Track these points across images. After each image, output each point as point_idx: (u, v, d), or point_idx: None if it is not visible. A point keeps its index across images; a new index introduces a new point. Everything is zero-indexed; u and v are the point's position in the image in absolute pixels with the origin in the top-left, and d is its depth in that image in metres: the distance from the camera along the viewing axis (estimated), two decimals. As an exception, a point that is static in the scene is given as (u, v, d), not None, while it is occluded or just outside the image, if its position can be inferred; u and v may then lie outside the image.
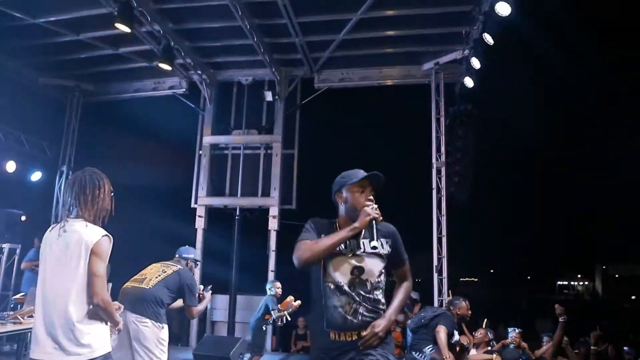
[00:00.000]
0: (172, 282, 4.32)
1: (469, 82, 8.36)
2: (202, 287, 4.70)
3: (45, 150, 9.98)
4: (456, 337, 5.99)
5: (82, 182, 2.70)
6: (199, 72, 9.09)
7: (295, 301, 6.39)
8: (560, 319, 5.50)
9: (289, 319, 6.42)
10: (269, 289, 6.65)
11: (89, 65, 9.27)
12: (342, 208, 2.56)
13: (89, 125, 10.21)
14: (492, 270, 43.35)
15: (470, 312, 6.27)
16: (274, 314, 6.27)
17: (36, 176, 9.83)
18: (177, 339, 10.22)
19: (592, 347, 6.16)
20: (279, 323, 6.47)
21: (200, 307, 4.50)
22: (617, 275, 46.34)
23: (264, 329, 6.63)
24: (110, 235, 2.65)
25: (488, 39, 7.34)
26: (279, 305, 6.42)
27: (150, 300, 4.13)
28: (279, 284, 6.63)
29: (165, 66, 7.78)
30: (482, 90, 8.64)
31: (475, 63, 7.95)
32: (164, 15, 7.61)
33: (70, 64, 9.20)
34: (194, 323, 8.98)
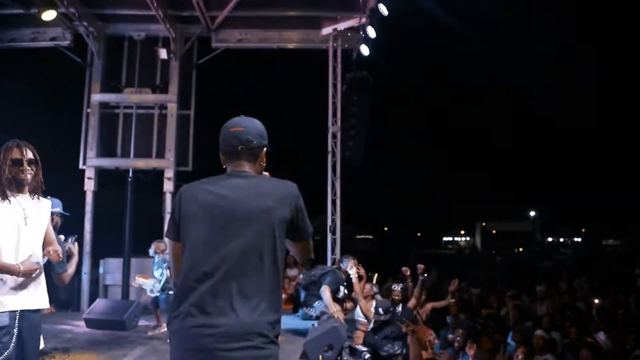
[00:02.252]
0: None
1: (364, 50, 8.64)
2: (62, 237, 3.59)
3: None
4: (342, 292, 6.42)
5: None
6: (85, 23, 8.44)
7: None
8: (420, 277, 6.05)
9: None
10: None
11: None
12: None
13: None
14: (385, 228, 45.81)
15: (361, 270, 6.69)
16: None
17: None
18: (66, 304, 9.82)
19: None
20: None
21: (70, 269, 3.43)
22: (494, 232, 51.08)
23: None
24: None
25: (383, 9, 7.61)
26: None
27: None
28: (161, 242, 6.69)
29: (47, 16, 7.18)
30: (377, 58, 8.99)
31: (371, 32, 8.22)
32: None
33: None
34: (85, 287, 8.69)
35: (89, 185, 8.68)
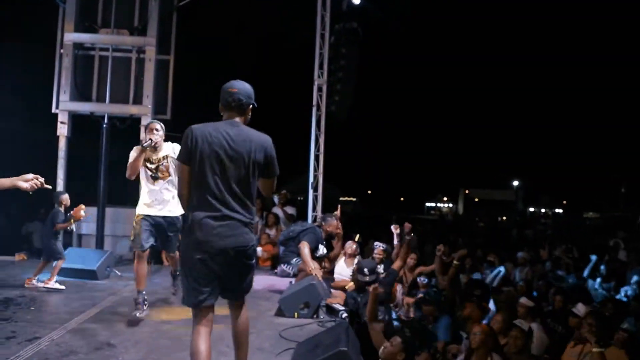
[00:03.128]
0: None
1: (355, -1, 8.25)
2: None
3: None
4: (321, 250, 6.25)
5: None
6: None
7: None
8: (407, 237, 5.91)
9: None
10: None
11: None
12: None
13: None
14: (369, 192, 45.95)
15: (340, 230, 6.53)
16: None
17: None
18: (38, 253, 9.59)
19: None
20: None
21: None
22: (476, 199, 51.59)
23: None
24: None
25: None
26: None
27: None
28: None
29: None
30: (368, 9, 8.61)
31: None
32: None
33: None
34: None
35: (62, 130, 8.29)
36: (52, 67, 8.49)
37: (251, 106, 2.93)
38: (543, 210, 50.99)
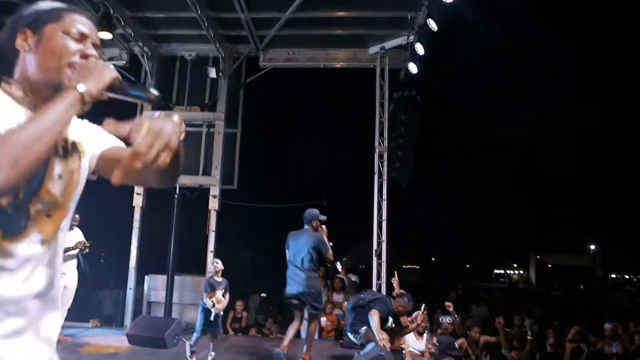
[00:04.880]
0: None
1: (413, 68, 8.47)
2: None
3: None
4: (390, 322, 6.09)
5: None
6: (141, 44, 8.73)
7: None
8: (455, 317, 5.82)
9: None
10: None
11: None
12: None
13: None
14: (433, 259, 44.60)
15: (407, 314, 6.31)
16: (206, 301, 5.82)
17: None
18: (111, 319, 9.93)
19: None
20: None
21: None
22: (549, 265, 48.76)
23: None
24: None
25: (432, 25, 7.44)
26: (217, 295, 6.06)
27: None
28: (217, 260, 6.33)
29: (104, 35, 7.41)
30: (426, 76, 8.80)
31: (420, 49, 8.05)
32: (102, -18, 7.24)
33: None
34: (130, 303, 8.73)
35: (137, 201, 8.80)
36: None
37: (316, 220, 5.86)
38: (627, 276, 47.31)
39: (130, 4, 7.94)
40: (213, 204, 8.72)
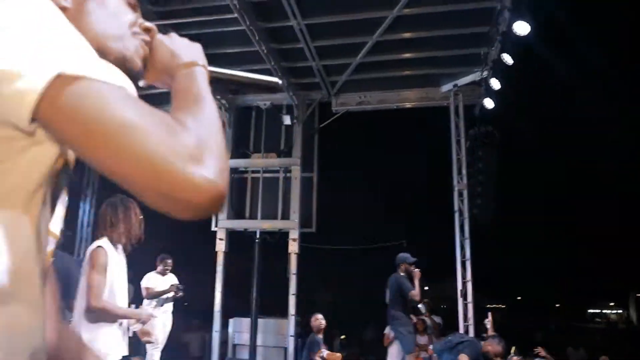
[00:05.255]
0: None
1: (488, 103, 8.32)
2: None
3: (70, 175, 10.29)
4: (480, 366, 5.82)
5: (108, 206, 3.12)
6: (218, 97, 9.23)
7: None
8: None
9: None
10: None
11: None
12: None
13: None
14: (519, 297, 42.21)
15: (498, 358, 6.02)
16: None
17: (61, 201, 10.23)
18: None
19: None
20: None
21: None
22: (652, 303, 44.60)
23: None
24: (104, 247, 2.86)
25: (507, 59, 7.32)
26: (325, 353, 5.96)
27: None
28: (319, 316, 6.19)
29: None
30: (502, 111, 8.59)
31: (495, 84, 7.92)
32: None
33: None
34: (215, 345, 8.93)
35: (220, 246, 9.12)
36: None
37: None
38: None
39: (209, 61, 8.38)
40: (293, 247, 8.85)
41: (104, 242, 3.00)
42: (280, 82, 1.07)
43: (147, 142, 0.62)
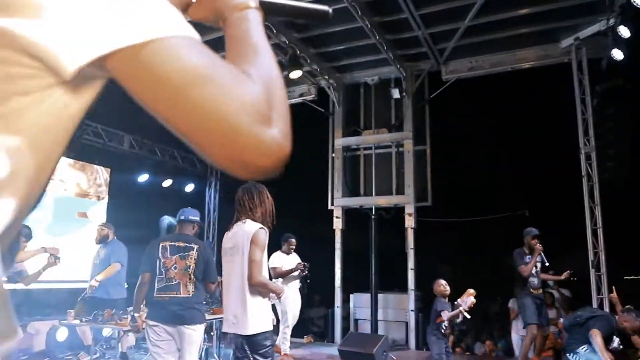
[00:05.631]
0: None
1: (618, 54, 7.51)
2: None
3: (195, 163, 11.11)
4: (615, 343, 5.40)
5: (245, 193, 3.48)
6: (326, 77, 9.36)
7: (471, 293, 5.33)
8: None
9: (468, 316, 5.32)
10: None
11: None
12: None
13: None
14: (664, 267, 38.19)
15: (636, 334, 5.54)
16: (445, 316, 5.33)
17: (189, 187, 11.15)
18: (322, 335, 10.59)
19: None
20: (458, 321, 5.41)
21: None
22: None
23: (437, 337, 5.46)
24: (265, 228, 3.38)
25: (638, 1, 6.56)
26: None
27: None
28: (442, 282, 5.98)
29: (294, 74, 8.14)
30: (635, 61, 7.73)
31: (624, 32, 7.14)
32: (288, 26, 7.98)
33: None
34: (338, 320, 9.21)
35: (338, 224, 9.34)
36: (326, 170, 9.78)
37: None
38: None
39: (314, 41, 8.58)
40: (409, 222, 8.81)
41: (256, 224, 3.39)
42: (330, 10, 0.99)
43: (219, 97, 0.58)
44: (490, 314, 11.51)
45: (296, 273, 6.89)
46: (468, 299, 5.31)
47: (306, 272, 6.89)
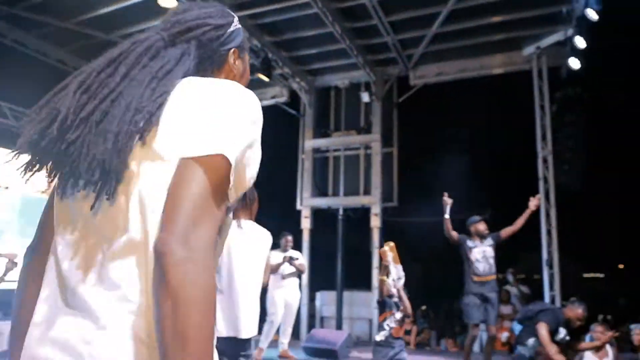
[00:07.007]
0: None
1: (574, 63, 7.89)
2: None
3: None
4: (562, 334, 5.71)
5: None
6: (298, 80, 9.51)
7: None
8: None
9: None
10: None
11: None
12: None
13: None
14: (620, 266, 39.67)
15: (580, 322, 5.81)
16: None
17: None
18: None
19: None
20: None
21: None
22: None
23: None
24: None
25: (591, 14, 6.93)
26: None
27: None
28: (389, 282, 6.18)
29: (264, 77, 8.26)
30: (590, 71, 8.12)
31: (580, 42, 7.52)
32: (261, 30, 8.09)
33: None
34: (304, 318, 9.38)
35: (306, 224, 9.51)
36: (295, 170, 9.94)
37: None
38: None
39: (286, 45, 8.71)
40: (375, 222, 9.04)
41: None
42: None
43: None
44: (455, 311, 11.86)
45: (293, 269, 6.82)
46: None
47: (293, 262, 6.76)
